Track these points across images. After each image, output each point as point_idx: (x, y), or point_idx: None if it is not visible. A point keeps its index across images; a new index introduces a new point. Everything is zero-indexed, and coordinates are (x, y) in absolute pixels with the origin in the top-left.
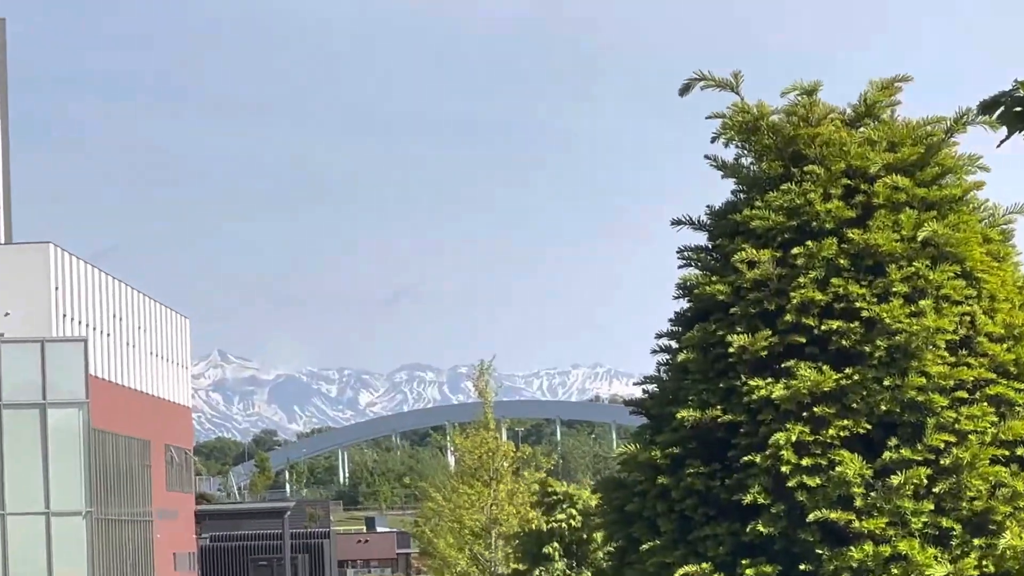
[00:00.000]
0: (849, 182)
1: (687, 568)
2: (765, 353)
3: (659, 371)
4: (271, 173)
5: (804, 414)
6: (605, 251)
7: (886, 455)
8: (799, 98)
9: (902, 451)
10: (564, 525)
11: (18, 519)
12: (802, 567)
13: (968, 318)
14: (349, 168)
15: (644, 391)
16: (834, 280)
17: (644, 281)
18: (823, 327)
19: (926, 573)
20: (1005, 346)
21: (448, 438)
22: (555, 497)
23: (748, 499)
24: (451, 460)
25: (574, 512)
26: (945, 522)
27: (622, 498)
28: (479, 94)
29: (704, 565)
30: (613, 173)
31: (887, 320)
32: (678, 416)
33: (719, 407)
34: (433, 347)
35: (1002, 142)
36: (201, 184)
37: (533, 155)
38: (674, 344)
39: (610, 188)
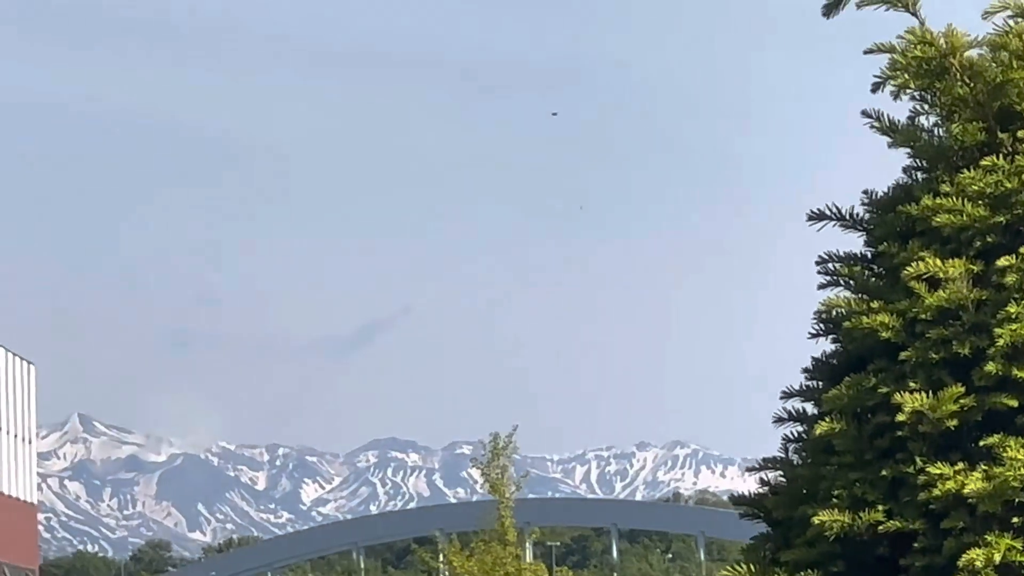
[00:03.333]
0: None
1: None
2: (954, 423)
3: (786, 451)
4: (162, 142)
5: (1015, 520)
6: (693, 263)
7: None
8: (1012, 23)
9: None
10: None
11: None
12: None
13: None
14: (287, 138)
15: (762, 482)
16: None
17: (756, 311)
18: None
19: None
20: None
21: (442, 556)
22: None
23: None
24: None
25: None
26: None
27: None
28: (510, 35)
29: None
30: (711, 142)
31: None
32: (816, 521)
33: (881, 507)
34: (419, 414)
35: None
36: (48, 147)
37: (577, 114)
38: (810, 408)
39: (705, 164)
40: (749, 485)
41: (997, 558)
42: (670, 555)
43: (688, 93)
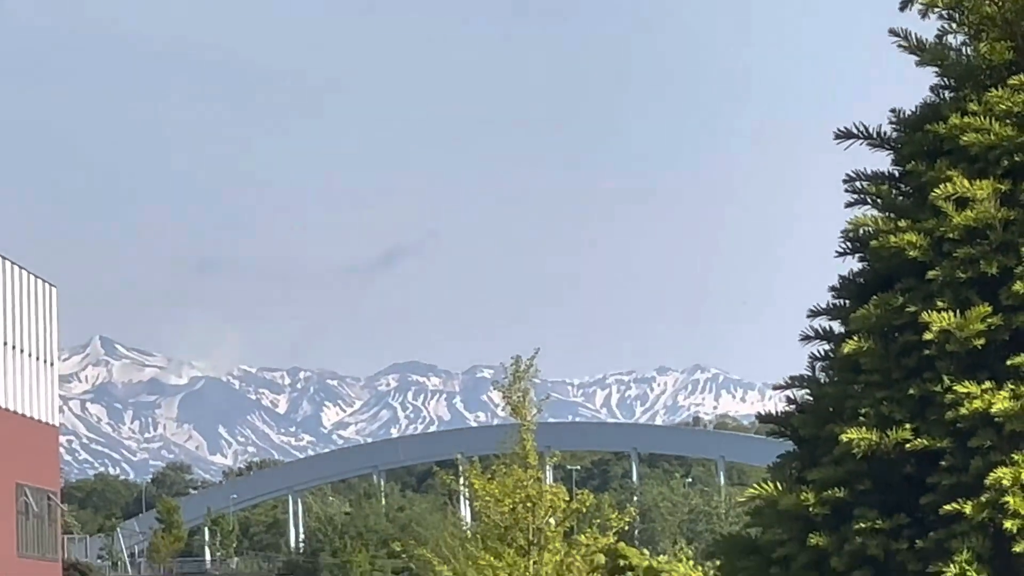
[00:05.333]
0: None
1: None
2: (981, 342)
3: (812, 370)
4: (187, 64)
5: None
6: (712, 185)
7: None
8: None
9: None
10: None
11: None
12: None
13: None
14: (315, 63)
15: (789, 400)
16: None
17: (778, 230)
18: None
19: None
20: None
21: (462, 480)
22: (631, 573)
23: (952, 571)
24: (467, 514)
25: None
26: None
27: (753, 568)
28: None
29: None
30: (726, 64)
31: None
32: (843, 439)
33: (908, 426)
34: (440, 338)
35: None
36: (64, 78)
37: (601, 41)
38: (837, 327)
39: (721, 88)
40: (770, 409)
41: None
42: (690, 479)
43: (726, 25)
